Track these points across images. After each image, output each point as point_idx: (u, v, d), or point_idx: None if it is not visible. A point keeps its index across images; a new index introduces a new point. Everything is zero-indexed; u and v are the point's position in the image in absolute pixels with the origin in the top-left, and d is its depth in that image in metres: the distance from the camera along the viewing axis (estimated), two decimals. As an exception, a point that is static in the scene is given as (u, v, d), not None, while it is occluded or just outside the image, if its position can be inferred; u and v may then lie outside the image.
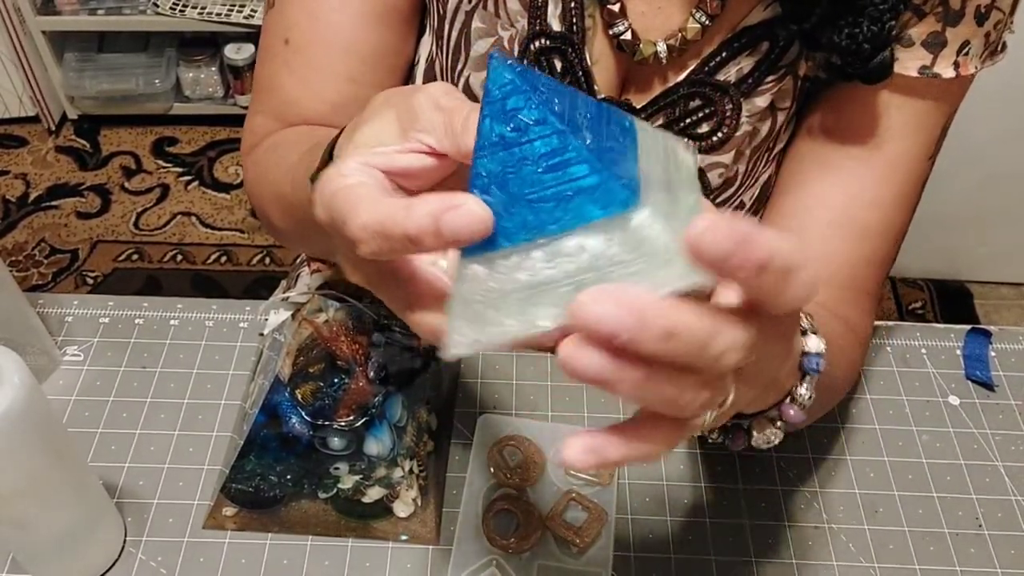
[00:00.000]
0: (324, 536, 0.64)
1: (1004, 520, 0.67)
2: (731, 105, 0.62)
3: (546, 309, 0.32)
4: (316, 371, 0.72)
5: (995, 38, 0.60)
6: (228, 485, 0.65)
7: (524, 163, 0.33)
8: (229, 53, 2.04)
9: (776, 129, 0.65)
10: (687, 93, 0.62)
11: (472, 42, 0.63)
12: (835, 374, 0.55)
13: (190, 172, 2.10)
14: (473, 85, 0.64)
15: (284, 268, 1.90)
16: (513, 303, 0.33)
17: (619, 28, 0.60)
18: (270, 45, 0.67)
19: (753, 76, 0.61)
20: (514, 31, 0.62)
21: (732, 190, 0.67)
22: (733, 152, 0.64)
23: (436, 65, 0.66)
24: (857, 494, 0.68)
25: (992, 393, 0.74)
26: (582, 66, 0.62)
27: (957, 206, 1.73)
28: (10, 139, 2.15)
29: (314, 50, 0.65)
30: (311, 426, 0.69)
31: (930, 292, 1.90)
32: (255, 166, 0.69)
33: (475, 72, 0.64)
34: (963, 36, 0.58)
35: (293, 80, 0.67)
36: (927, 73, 0.59)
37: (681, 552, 0.64)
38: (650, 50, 0.60)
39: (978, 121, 1.59)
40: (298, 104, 0.68)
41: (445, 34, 0.64)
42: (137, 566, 0.62)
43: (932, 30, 0.58)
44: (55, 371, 0.72)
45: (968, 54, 0.59)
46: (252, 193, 0.71)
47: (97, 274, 1.89)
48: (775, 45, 0.60)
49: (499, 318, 0.33)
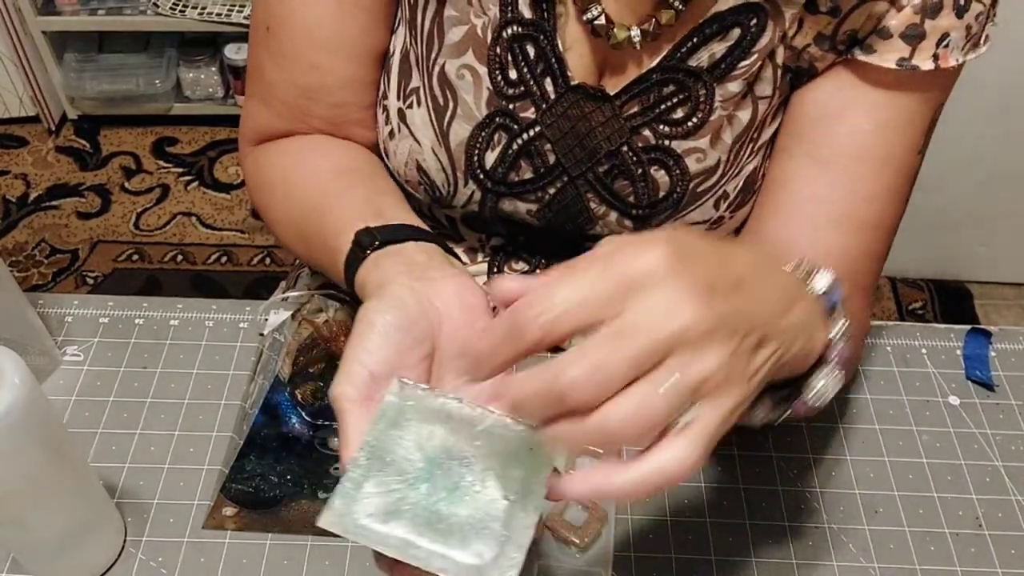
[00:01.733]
0: (324, 536, 0.64)
1: (1004, 520, 0.67)
2: (704, 90, 0.63)
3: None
4: (316, 371, 0.72)
5: (977, 30, 0.60)
6: (228, 485, 0.65)
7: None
8: (229, 53, 2.04)
9: (758, 119, 0.65)
10: (661, 79, 0.63)
11: (446, 31, 0.64)
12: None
13: (190, 172, 2.10)
14: (448, 72, 0.65)
15: (284, 268, 1.90)
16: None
17: (593, 13, 0.60)
18: (255, 31, 0.70)
19: (725, 61, 0.62)
20: (487, 18, 0.63)
21: (714, 179, 0.67)
22: (709, 136, 0.65)
23: (411, 55, 0.67)
24: (857, 494, 0.68)
25: (992, 393, 0.74)
26: (555, 53, 0.63)
27: (957, 206, 1.73)
28: (10, 139, 2.15)
29: (285, 36, 0.68)
30: (311, 426, 0.69)
31: (930, 292, 1.90)
32: (258, 181, 0.74)
33: (450, 59, 0.65)
34: (943, 28, 0.59)
35: (272, 65, 0.70)
36: (905, 65, 0.59)
37: (681, 552, 0.64)
38: (623, 34, 0.60)
39: (978, 122, 1.59)
40: (276, 87, 0.70)
41: (418, 23, 0.65)
42: (137, 566, 0.62)
43: (911, 22, 0.58)
44: (55, 371, 0.72)
45: (948, 46, 0.59)
46: (255, 193, 0.75)
47: (97, 274, 1.89)
48: (746, 31, 0.61)
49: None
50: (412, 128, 0.68)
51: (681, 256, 0.39)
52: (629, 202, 0.67)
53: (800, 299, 0.46)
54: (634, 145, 0.65)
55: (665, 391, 0.37)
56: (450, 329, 0.50)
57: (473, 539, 0.42)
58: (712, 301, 0.38)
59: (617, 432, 0.37)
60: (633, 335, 0.37)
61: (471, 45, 0.64)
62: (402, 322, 0.48)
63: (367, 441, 0.44)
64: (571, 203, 0.68)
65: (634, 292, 0.38)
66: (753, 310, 0.41)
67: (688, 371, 0.38)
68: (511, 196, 0.68)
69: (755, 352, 0.41)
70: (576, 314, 0.38)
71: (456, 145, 0.66)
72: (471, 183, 0.68)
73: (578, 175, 0.67)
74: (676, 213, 0.68)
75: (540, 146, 0.66)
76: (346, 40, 0.67)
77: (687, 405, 0.38)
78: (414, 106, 0.67)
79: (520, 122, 0.65)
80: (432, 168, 0.68)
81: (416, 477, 0.43)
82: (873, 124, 0.62)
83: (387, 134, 0.70)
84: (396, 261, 0.55)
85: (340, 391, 0.46)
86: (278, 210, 0.72)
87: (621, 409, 0.37)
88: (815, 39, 0.61)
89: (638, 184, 0.66)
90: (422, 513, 0.42)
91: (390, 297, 0.49)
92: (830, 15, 0.60)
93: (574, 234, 0.70)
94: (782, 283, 0.46)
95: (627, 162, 0.65)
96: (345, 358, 0.47)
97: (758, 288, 0.43)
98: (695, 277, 0.38)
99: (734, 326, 0.39)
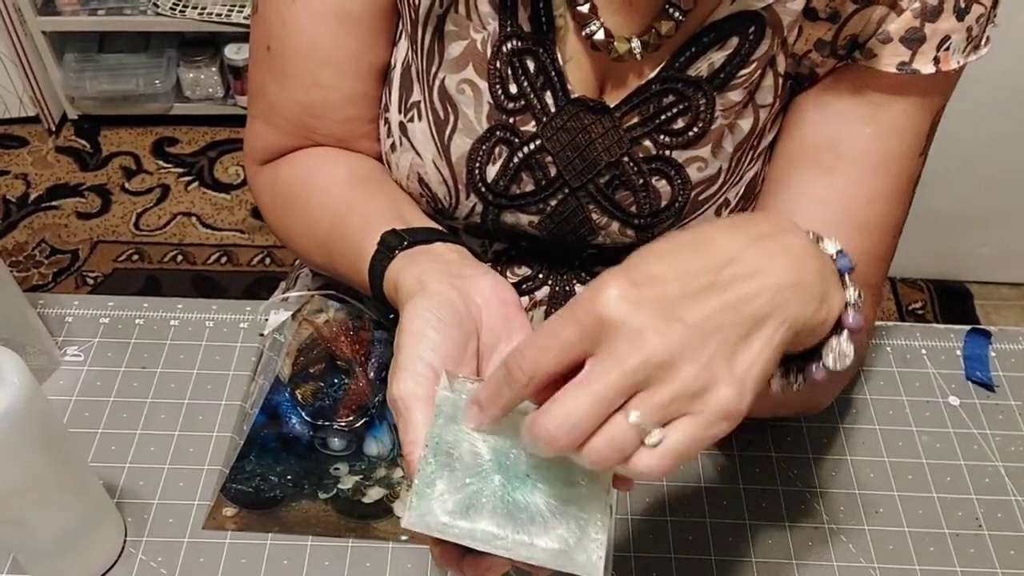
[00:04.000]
0: (324, 536, 0.64)
1: (1004, 520, 0.67)
2: (704, 100, 0.63)
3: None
4: (316, 371, 0.72)
5: (977, 32, 0.60)
6: (228, 485, 0.65)
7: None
8: (229, 53, 2.04)
9: (759, 126, 0.65)
10: (660, 90, 0.63)
11: (446, 45, 0.64)
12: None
13: (190, 172, 2.10)
14: (448, 87, 0.65)
15: (284, 268, 1.90)
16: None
17: (592, 28, 0.60)
18: (255, 51, 0.70)
19: (725, 70, 0.62)
20: (486, 33, 0.63)
21: (716, 187, 0.67)
22: (710, 145, 0.65)
23: (412, 69, 0.67)
24: (857, 494, 0.68)
25: (992, 393, 0.74)
26: (554, 66, 0.63)
27: (957, 206, 1.73)
28: (10, 139, 2.15)
29: (286, 55, 0.68)
30: (311, 426, 0.69)
31: (930, 292, 1.90)
32: (272, 198, 0.75)
33: (450, 74, 0.64)
34: (943, 31, 0.58)
35: (274, 85, 0.70)
36: (906, 69, 0.59)
37: (681, 552, 0.64)
38: (624, 47, 0.60)
39: (978, 122, 1.59)
40: (279, 107, 0.70)
41: (419, 38, 0.65)
42: (137, 566, 0.62)
43: (910, 26, 0.58)
44: (55, 371, 0.72)
45: (949, 49, 0.59)
46: (270, 215, 0.76)
47: (97, 274, 1.89)
48: (744, 39, 0.60)
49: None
50: (413, 141, 0.68)
51: (634, 285, 0.40)
52: (631, 212, 0.67)
53: (811, 258, 0.45)
54: (635, 156, 0.65)
55: (633, 422, 0.40)
56: (489, 324, 0.51)
57: (554, 525, 0.43)
58: (669, 322, 0.40)
59: (601, 463, 0.40)
60: (595, 379, 0.40)
61: (471, 59, 0.64)
62: (453, 318, 0.49)
63: (431, 438, 0.44)
64: (573, 214, 0.68)
65: (604, 330, 0.40)
66: (733, 303, 0.41)
67: (654, 398, 0.40)
68: (513, 208, 0.68)
69: (743, 345, 0.41)
70: (551, 358, 0.41)
71: (457, 159, 0.66)
72: (473, 196, 0.68)
73: (579, 187, 0.66)
74: (678, 221, 0.68)
75: (541, 159, 0.66)
76: (348, 56, 0.67)
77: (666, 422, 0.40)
78: (415, 119, 0.67)
79: (521, 135, 0.65)
80: (434, 181, 0.68)
81: (487, 469, 0.44)
82: (874, 127, 0.62)
83: (389, 147, 0.70)
84: (431, 259, 0.56)
85: (407, 389, 0.46)
86: (297, 223, 0.72)
87: (595, 444, 0.40)
88: (815, 45, 0.61)
89: (639, 194, 0.66)
90: (500, 504, 0.43)
91: (436, 294, 0.50)
92: (829, 21, 0.60)
93: (576, 243, 0.70)
94: (790, 245, 0.45)
95: (628, 173, 0.65)
96: (404, 356, 0.47)
97: (747, 265, 0.42)
98: (650, 303, 0.40)
99: (705, 333, 0.40)
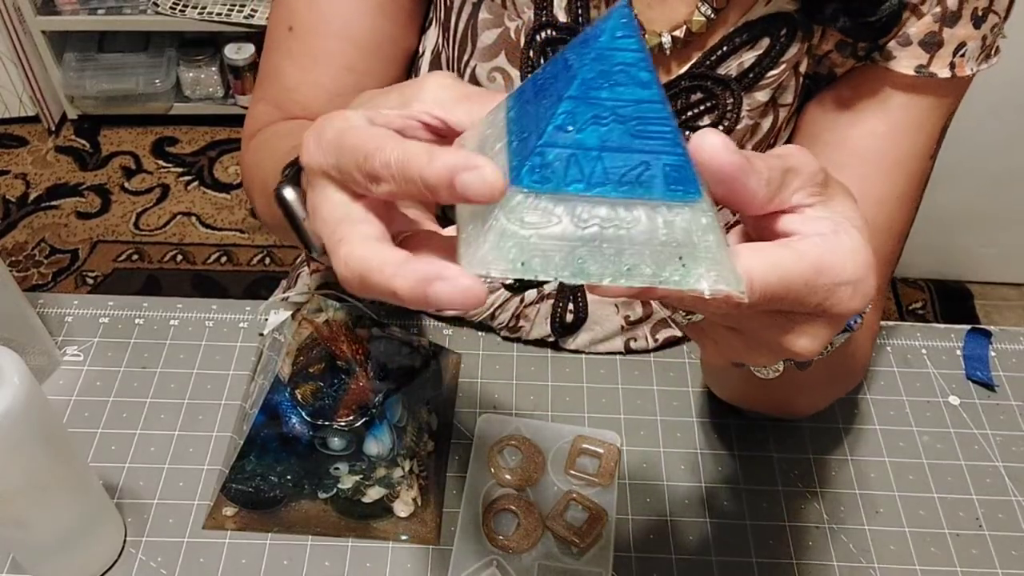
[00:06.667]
0: (324, 536, 0.64)
1: (1004, 520, 0.67)
2: (732, 99, 0.63)
3: (585, 264, 0.32)
4: (316, 371, 0.72)
5: (991, 41, 0.60)
6: (228, 485, 0.65)
7: (616, 119, 0.32)
8: (229, 53, 2.04)
9: (778, 125, 0.65)
10: (689, 86, 0.63)
11: (479, 33, 0.64)
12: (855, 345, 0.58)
13: (190, 172, 2.10)
14: (479, 75, 0.65)
15: (284, 268, 1.90)
16: (550, 247, 0.32)
17: None
18: (274, 32, 0.68)
19: (754, 71, 0.62)
20: (520, 22, 0.63)
21: None
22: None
23: (442, 56, 0.67)
24: (857, 494, 0.68)
25: (992, 393, 0.74)
26: None
27: (957, 206, 1.73)
28: (10, 139, 2.15)
29: (313, 38, 0.66)
30: (311, 426, 0.69)
31: (930, 292, 1.90)
32: (249, 154, 0.69)
33: (481, 63, 0.64)
34: (960, 38, 0.59)
35: (294, 67, 0.68)
36: (923, 72, 0.60)
37: (681, 552, 0.64)
38: (655, 40, 0.61)
39: (979, 122, 1.59)
40: (297, 91, 0.68)
41: (452, 25, 0.65)
42: (137, 566, 0.62)
43: (930, 30, 0.59)
44: (55, 371, 0.72)
45: (964, 55, 0.59)
46: (245, 180, 0.71)
47: (97, 274, 1.89)
48: (776, 41, 0.60)
49: (532, 257, 0.32)
50: None
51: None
52: None
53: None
54: None
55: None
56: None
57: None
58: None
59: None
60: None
61: (504, 48, 0.63)
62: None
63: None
64: None
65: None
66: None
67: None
68: None
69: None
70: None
71: None
72: None
73: None
74: None
75: None
76: (386, 41, 0.66)
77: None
78: None
79: None
80: None
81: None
82: (887, 127, 0.62)
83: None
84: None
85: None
86: (257, 176, 0.66)
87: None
88: (836, 45, 0.61)
89: None
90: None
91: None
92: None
93: None
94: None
95: None
96: (408, 85, 0.39)
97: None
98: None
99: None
